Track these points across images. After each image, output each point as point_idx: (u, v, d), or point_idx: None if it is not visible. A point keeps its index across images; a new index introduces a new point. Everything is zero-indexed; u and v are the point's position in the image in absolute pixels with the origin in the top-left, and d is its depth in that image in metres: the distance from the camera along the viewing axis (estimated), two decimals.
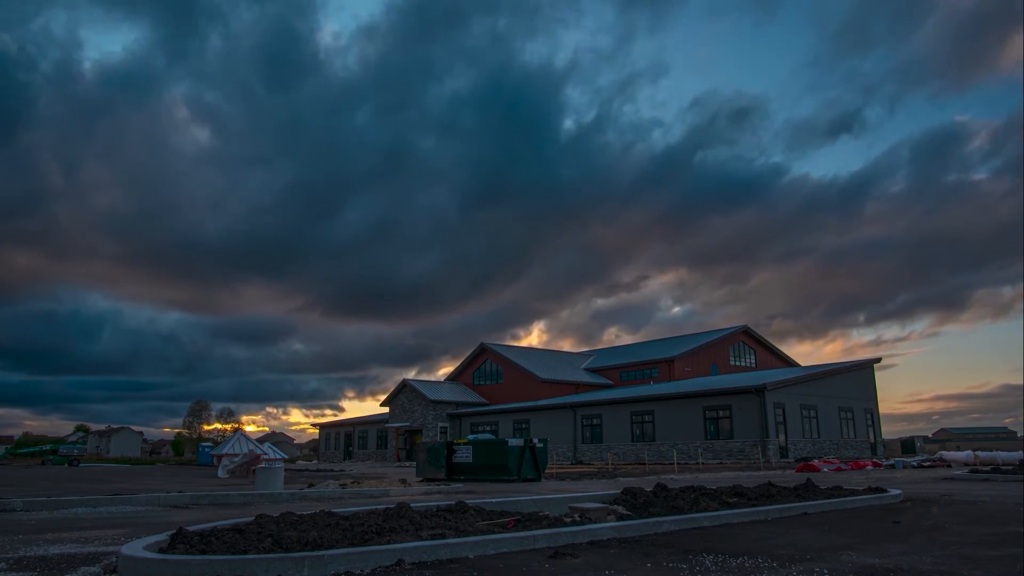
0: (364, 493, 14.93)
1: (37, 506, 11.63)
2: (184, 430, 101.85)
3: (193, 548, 5.43)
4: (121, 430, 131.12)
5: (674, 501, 9.12)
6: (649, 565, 5.37)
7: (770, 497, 10.11)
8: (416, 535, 6.31)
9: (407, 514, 7.58)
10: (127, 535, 7.64)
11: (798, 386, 35.25)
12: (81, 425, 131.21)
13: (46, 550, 6.56)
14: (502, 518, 7.69)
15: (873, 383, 40.81)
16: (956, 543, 6.43)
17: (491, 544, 5.99)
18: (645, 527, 7.21)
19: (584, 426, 41.37)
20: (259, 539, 5.71)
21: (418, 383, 53.04)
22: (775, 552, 5.91)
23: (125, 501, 12.62)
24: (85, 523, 9.28)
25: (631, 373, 52.56)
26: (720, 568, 5.19)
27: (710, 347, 52.07)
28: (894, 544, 6.42)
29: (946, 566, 5.23)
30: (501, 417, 47.68)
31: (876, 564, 5.33)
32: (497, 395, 53.33)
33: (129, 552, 5.17)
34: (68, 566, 5.62)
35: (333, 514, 7.36)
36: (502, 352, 54.89)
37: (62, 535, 7.82)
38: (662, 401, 37.54)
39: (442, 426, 50.49)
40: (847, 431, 37.64)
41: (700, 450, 33.92)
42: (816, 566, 5.23)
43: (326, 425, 66.58)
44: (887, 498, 10.69)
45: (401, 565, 5.26)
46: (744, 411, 33.25)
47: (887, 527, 7.71)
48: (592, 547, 6.26)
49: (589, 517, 7.93)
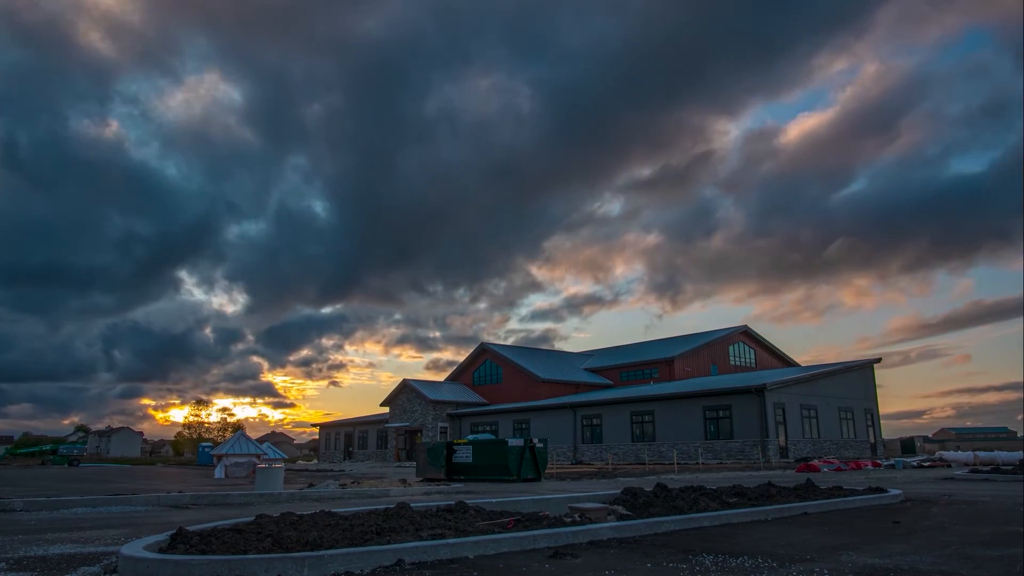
0: (364, 493, 14.93)
1: (37, 506, 11.63)
2: (184, 430, 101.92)
3: (193, 548, 5.43)
4: (121, 430, 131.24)
5: (674, 501, 9.12)
6: (649, 565, 5.37)
7: (770, 497, 10.11)
8: (416, 535, 6.31)
9: (407, 514, 7.58)
10: (127, 535, 7.64)
11: (798, 386, 35.26)
12: (81, 425, 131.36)
13: (46, 550, 6.56)
14: (502, 518, 7.69)
15: (873, 383, 40.83)
16: (956, 543, 6.43)
17: (491, 544, 5.99)
18: (645, 527, 7.21)
19: (584, 426, 41.36)
20: (259, 539, 5.71)
21: (418, 383, 53.03)
22: (775, 552, 5.91)
23: (125, 501, 12.62)
24: (85, 523, 9.28)
25: (631, 373, 52.56)
26: (720, 568, 5.19)
27: (710, 347, 52.08)
28: (894, 544, 6.41)
29: (946, 566, 5.23)
30: (501, 417, 47.67)
31: (876, 564, 5.33)
32: (497, 395, 53.32)
33: (129, 552, 5.17)
34: (68, 566, 5.62)
35: (333, 514, 7.36)
36: (502, 352, 54.88)
37: (62, 535, 7.82)
38: (662, 401, 37.54)
39: (442, 426, 50.49)
40: (847, 431, 37.65)
41: (700, 450, 33.91)
42: (816, 566, 5.23)
43: (326, 425, 66.58)
44: (887, 498, 10.69)
45: (401, 565, 5.26)
46: (744, 411, 33.25)
47: (887, 527, 7.71)
48: (592, 547, 6.26)
49: (589, 517, 7.93)
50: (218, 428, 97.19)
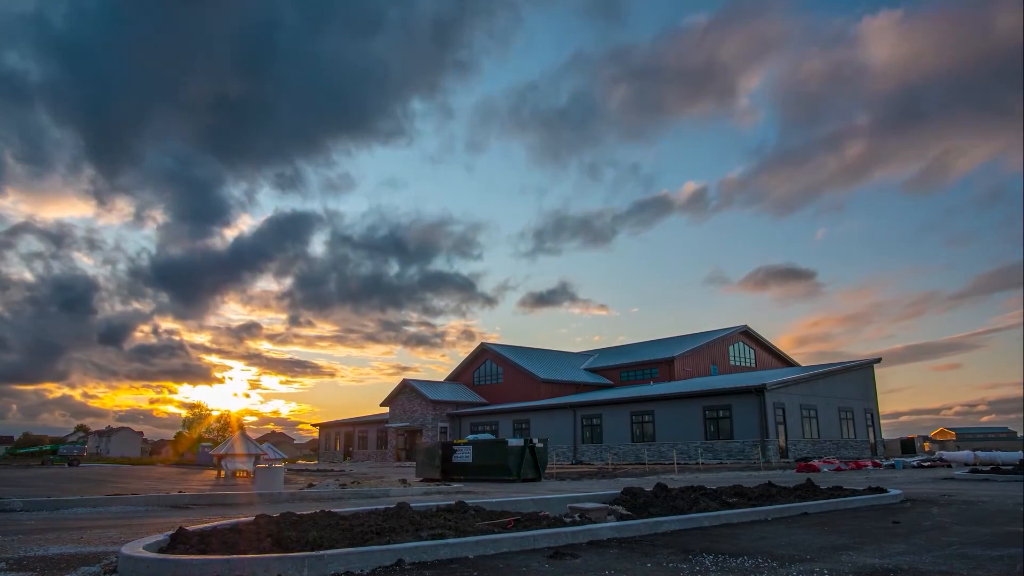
0: (364, 493, 14.93)
1: (37, 506, 11.63)
2: (184, 430, 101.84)
3: (193, 548, 5.43)
4: (121, 430, 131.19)
5: (674, 501, 9.12)
6: (649, 565, 5.37)
7: (770, 497, 10.11)
8: (416, 535, 6.31)
9: (407, 514, 7.58)
10: (127, 535, 7.64)
11: (798, 386, 35.26)
12: (80, 425, 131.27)
13: (46, 550, 6.56)
14: (502, 518, 7.69)
15: (873, 383, 40.83)
16: (956, 543, 6.43)
17: (491, 544, 5.99)
18: (645, 527, 7.21)
19: (584, 426, 41.36)
20: (259, 539, 5.71)
21: (418, 383, 53.03)
22: (775, 552, 5.91)
23: (125, 501, 12.61)
24: (85, 523, 9.28)
25: (631, 373, 52.57)
26: (720, 568, 5.19)
27: (710, 347, 52.09)
28: (894, 544, 6.41)
29: (946, 566, 5.23)
30: (501, 417, 47.67)
31: (876, 564, 5.33)
32: (497, 395, 53.32)
33: (129, 552, 5.17)
34: (68, 566, 5.62)
35: (333, 514, 7.36)
36: (502, 352, 54.87)
37: (62, 535, 7.82)
38: (662, 401, 37.54)
39: (442, 426, 50.49)
40: (847, 431, 37.66)
41: (700, 450, 33.91)
42: (816, 566, 5.22)
43: (326, 425, 66.58)
44: (887, 498, 10.69)
45: (401, 565, 5.26)
46: (744, 411, 33.25)
47: (887, 527, 7.71)
48: (592, 547, 6.26)
49: (589, 517, 7.93)
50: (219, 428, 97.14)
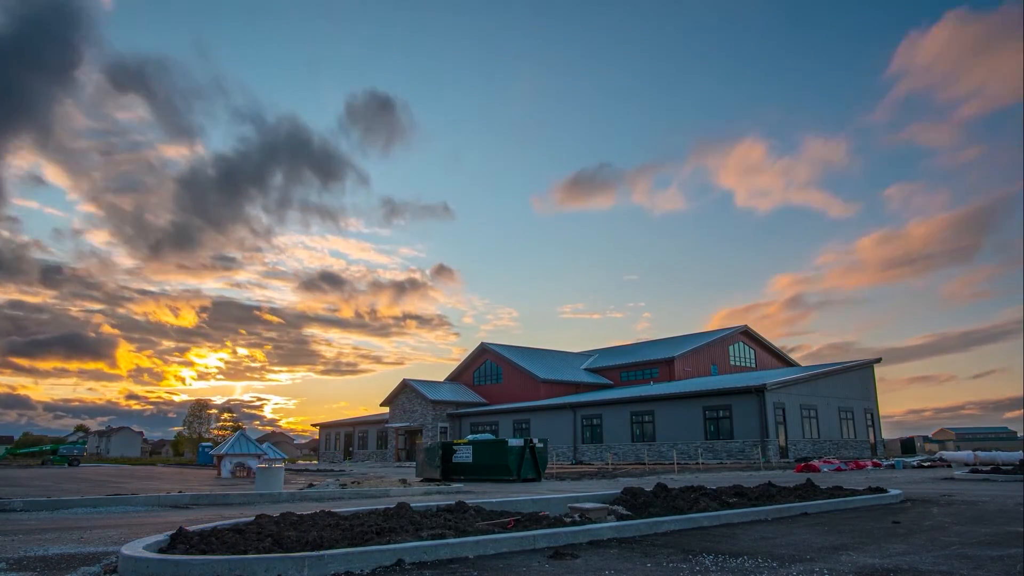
0: (364, 493, 14.93)
1: (37, 506, 11.63)
2: (183, 429, 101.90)
3: (193, 548, 5.43)
4: (121, 430, 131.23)
5: (674, 501, 9.12)
6: (649, 565, 5.36)
7: (770, 497, 10.11)
8: (416, 535, 6.31)
9: (407, 514, 7.58)
10: (127, 535, 7.64)
11: (798, 386, 35.27)
12: (80, 425, 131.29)
13: (46, 550, 6.56)
14: (502, 518, 7.69)
15: (873, 383, 40.83)
16: (956, 543, 6.43)
17: (491, 544, 5.99)
18: (645, 527, 7.21)
19: (584, 426, 41.36)
20: (259, 539, 5.71)
21: (418, 383, 53.04)
22: (775, 552, 5.91)
23: (125, 501, 12.61)
24: (85, 523, 9.28)
25: (631, 373, 52.58)
26: (720, 568, 5.19)
27: (710, 347, 52.10)
28: (894, 544, 6.41)
29: (946, 566, 5.22)
30: (501, 417, 47.68)
31: (876, 564, 5.33)
32: (497, 395, 53.34)
33: (129, 552, 5.17)
34: (68, 566, 5.62)
35: (333, 514, 7.36)
36: (502, 352, 54.88)
37: (62, 535, 7.82)
38: (662, 401, 37.55)
39: (442, 426, 50.50)
40: (847, 431, 37.67)
41: (700, 450, 33.92)
42: (816, 566, 5.22)
43: (326, 425, 66.59)
44: (887, 498, 10.69)
45: (401, 565, 5.26)
46: (744, 411, 33.26)
47: (887, 527, 7.71)
48: (592, 547, 6.26)
49: (589, 517, 7.93)
50: (218, 428, 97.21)
